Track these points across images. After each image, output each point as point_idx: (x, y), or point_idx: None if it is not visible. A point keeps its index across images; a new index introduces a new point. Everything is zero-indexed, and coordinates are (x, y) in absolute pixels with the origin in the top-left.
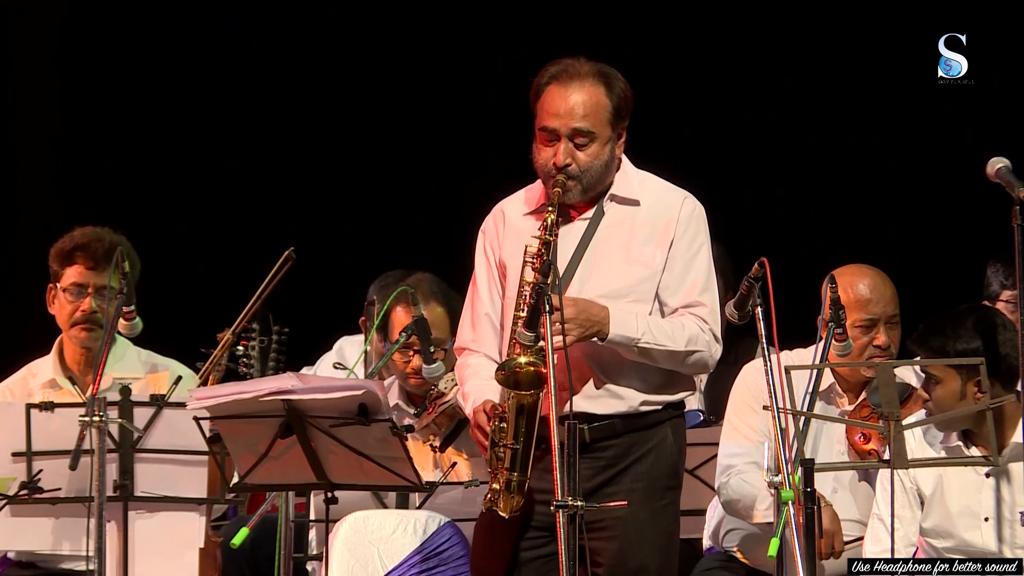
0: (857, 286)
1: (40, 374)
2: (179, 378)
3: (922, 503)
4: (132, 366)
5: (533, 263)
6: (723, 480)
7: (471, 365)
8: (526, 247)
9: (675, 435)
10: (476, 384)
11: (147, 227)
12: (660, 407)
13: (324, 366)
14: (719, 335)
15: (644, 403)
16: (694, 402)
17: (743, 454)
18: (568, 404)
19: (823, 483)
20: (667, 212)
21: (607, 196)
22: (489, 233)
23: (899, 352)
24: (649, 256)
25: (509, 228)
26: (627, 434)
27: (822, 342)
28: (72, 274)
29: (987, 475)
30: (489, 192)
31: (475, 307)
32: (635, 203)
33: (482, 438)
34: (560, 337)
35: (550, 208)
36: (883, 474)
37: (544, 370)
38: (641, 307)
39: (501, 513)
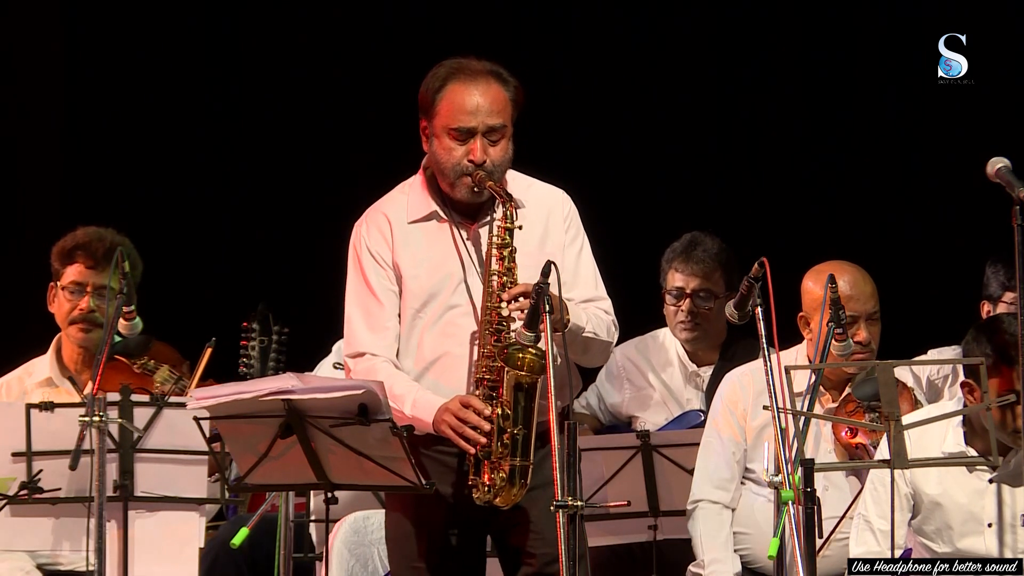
0: (837, 283)
1: (37, 373)
2: (179, 377)
3: (915, 504)
4: None
5: (498, 253)
6: (690, 508)
7: (381, 369)
8: (490, 237)
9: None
10: (410, 386)
11: (148, 227)
12: (563, 410)
13: (324, 370)
14: (616, 322)
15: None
16: (696, 402)
17: (711, 481)
18: (568, 404)
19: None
20: (553, 213)
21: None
22: (374, 238)
23: (879, 347)
24: (554, 260)
25: (399, 235)
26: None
27: (805, 342)
28: (72, 273)
29: (990, 481)
30: None
31: (371, 312)
32: (520, 205)
33: (471, 432)
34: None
35: (502, 196)
36: (873, 472)
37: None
38: None
39: (499, 505)
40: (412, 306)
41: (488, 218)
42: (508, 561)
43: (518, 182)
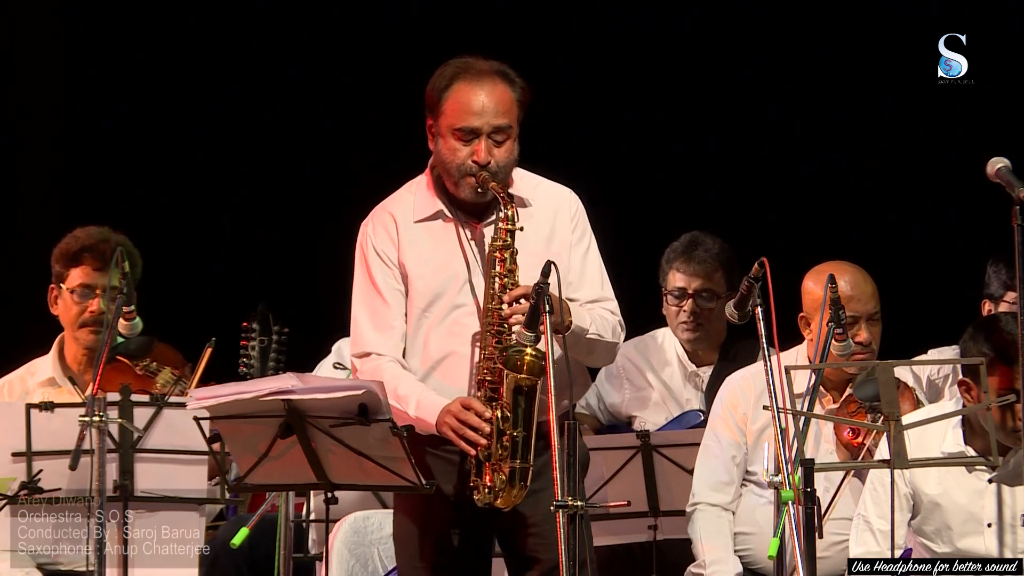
0: (838, 283)
1: (39, 373)
2: (179, 378)
3: (914, 504)
4: None
5: (500, 255)
6: (689, 510)
7: (387, 368)
8: (493, 239)
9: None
10: (415, 386)
11: (148, 227)
12: (566, 411)
13: (324, 370)
14: (623, 323)
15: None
16: (695, 402)
17: (709, 484)
18: (569, 403)
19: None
20: (560, 212)
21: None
22: (380, 237)
23: (880, 348)
24: (559, 260)
25: (405, 234)
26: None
27: (805, 343)
28: (79, 275)
29: (990, 481)
30: None
31: (378, 312)
32: (527, 204)
33: (471, 433)
34: (552, 335)
35: (504, 198)
36: (873, 472)
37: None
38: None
39: (500, 507)
40: (418, 305)
41: (493, 217)
42: (514, 564)
43: (526, 181)
